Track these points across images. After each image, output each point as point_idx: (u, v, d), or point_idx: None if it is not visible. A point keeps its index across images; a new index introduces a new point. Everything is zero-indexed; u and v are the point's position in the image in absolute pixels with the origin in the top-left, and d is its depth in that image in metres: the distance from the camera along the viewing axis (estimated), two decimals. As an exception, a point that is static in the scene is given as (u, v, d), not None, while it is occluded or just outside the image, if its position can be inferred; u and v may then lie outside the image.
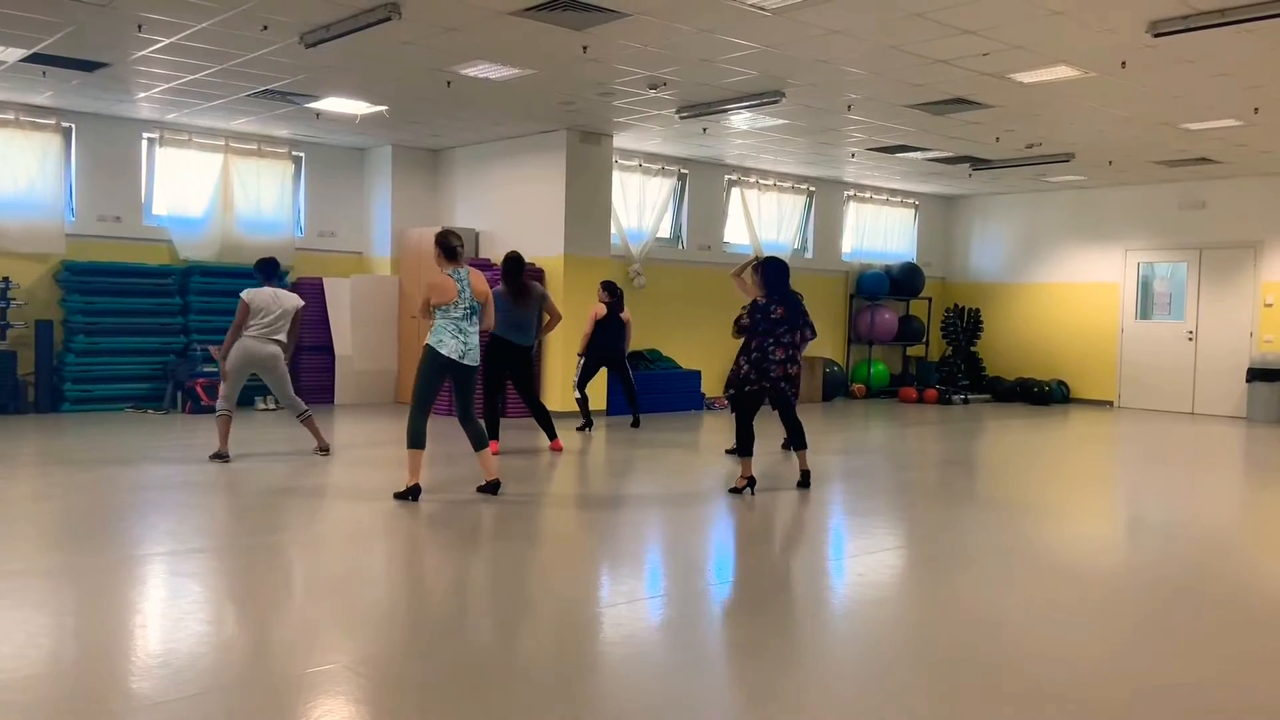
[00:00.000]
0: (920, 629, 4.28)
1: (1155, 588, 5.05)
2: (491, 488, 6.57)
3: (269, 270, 8.05)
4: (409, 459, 6.38)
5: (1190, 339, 13.97)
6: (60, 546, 5.28)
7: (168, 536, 5.48)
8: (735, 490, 6.93)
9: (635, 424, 10.42)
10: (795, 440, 7.22)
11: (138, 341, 10.97)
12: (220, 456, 7.68)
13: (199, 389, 10.79)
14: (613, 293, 9.89)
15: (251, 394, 11.45)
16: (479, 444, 6.60)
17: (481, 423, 6.74)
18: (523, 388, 8.41)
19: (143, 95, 9.84)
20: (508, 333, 8.08)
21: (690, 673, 3.69)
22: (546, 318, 8.48)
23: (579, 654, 3.88)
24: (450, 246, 6.32)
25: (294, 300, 7.97)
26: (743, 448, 6.99)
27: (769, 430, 8.50)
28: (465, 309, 6.30)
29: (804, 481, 7.17)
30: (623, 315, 10.03)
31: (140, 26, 7.44)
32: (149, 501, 6.43)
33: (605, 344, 9.94)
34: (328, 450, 8.16)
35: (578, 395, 10.10)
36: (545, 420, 8.64)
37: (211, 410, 10.68)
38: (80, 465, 7.58)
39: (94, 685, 3.37)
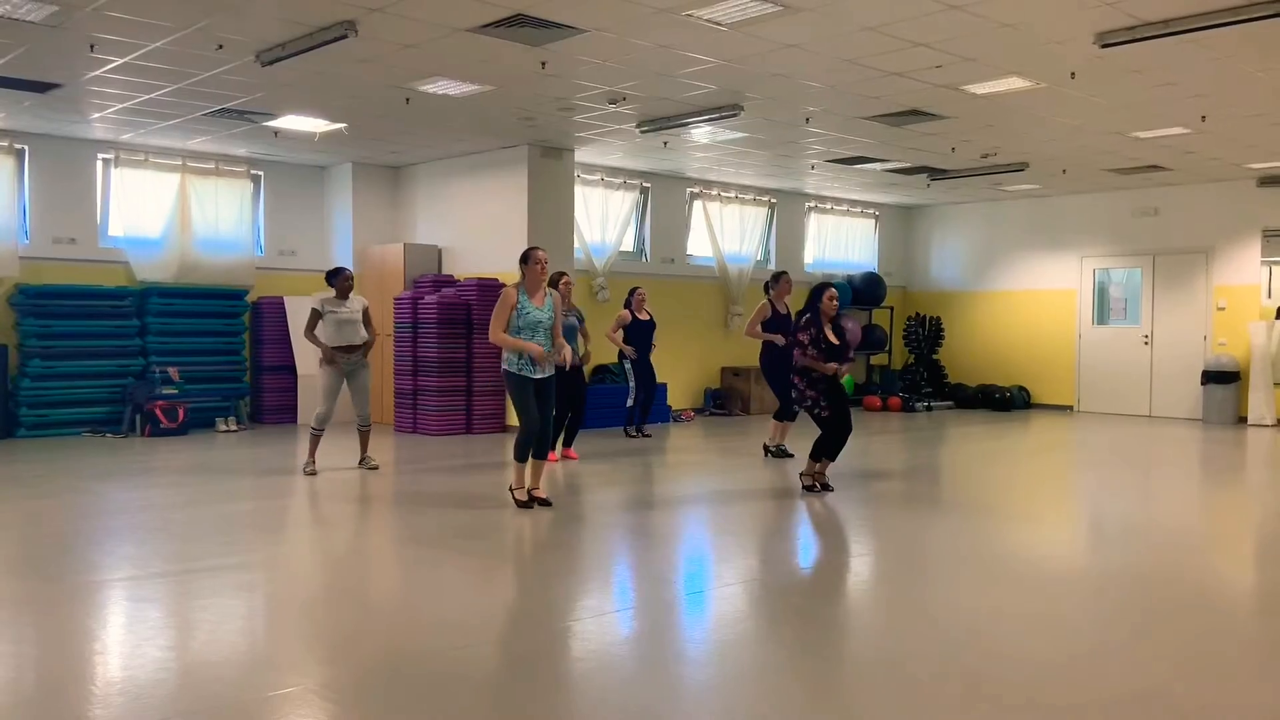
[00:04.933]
0: (893, 636, 4.31)
1: (1123, 589, 5.12)
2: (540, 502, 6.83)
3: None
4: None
5: (1146, 343, 14.21)
6: (18, 574, 5.18)
7: (127, 562, 5.41)
8: (809, 488, 7.43)
9: (641, 433, 10.90)
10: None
11: (95, 365, 10.80)
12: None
13: (158, 411, 10.65)
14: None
15: (211, 415, 11.33)
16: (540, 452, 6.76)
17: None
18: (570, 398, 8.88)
19: (97, 116, 9.73)
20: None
21: (656, 683, 3.69)
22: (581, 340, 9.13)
23: (547, 668, 3.86)
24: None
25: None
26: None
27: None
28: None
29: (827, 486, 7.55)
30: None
31: (92, 47, 7.36)
32: (108, 526, 6.33)
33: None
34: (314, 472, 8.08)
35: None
36: (574, 428, 9.17)
37: (170, 433, 10.60)
38: (38, 491, 7.45)
39: (52, 714, 3.32)
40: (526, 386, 6.54)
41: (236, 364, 11.83)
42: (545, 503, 6.75)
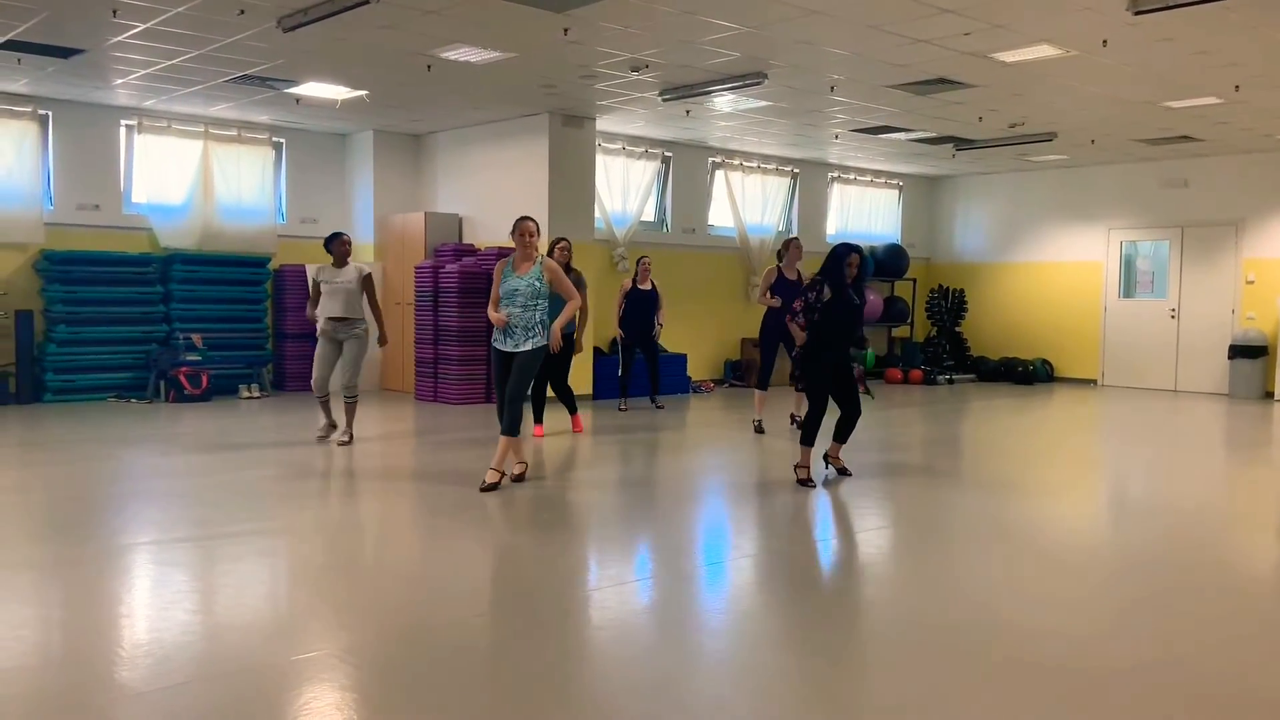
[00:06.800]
0: (911, 606, 4.30)
1: (1144, 563, 5.09)
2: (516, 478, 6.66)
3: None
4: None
5: (1173, 317, 14.05)
6: (44, 538, 5.25)
7: (152, 526, 5.46)
8: (803, 482, 6.70)
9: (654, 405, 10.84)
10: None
11: (120, 331, 10.88)
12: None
13: (182, 378, 10.73)
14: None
15: (235, 381, 11.41)
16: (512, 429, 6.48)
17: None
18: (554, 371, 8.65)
19: (120, 81, 9.74)
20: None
21: (675, 652, 3.70)
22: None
23: (565, 637, 3.88)
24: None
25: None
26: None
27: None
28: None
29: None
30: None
31: (115, 11, 7.35)
32: (133, 491, 6.40)
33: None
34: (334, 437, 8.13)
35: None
36: (569, 401, 9.00)
37: (194, 399, 10.68)
38: (63, 455, 7.54)
39: (79, 676, 3.36)
40: (495, 359, 6.50)
41: (259, 331, 11.90)
42: (492, 487, 6.35)
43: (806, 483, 6.67)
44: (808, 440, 6.72)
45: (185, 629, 3.80)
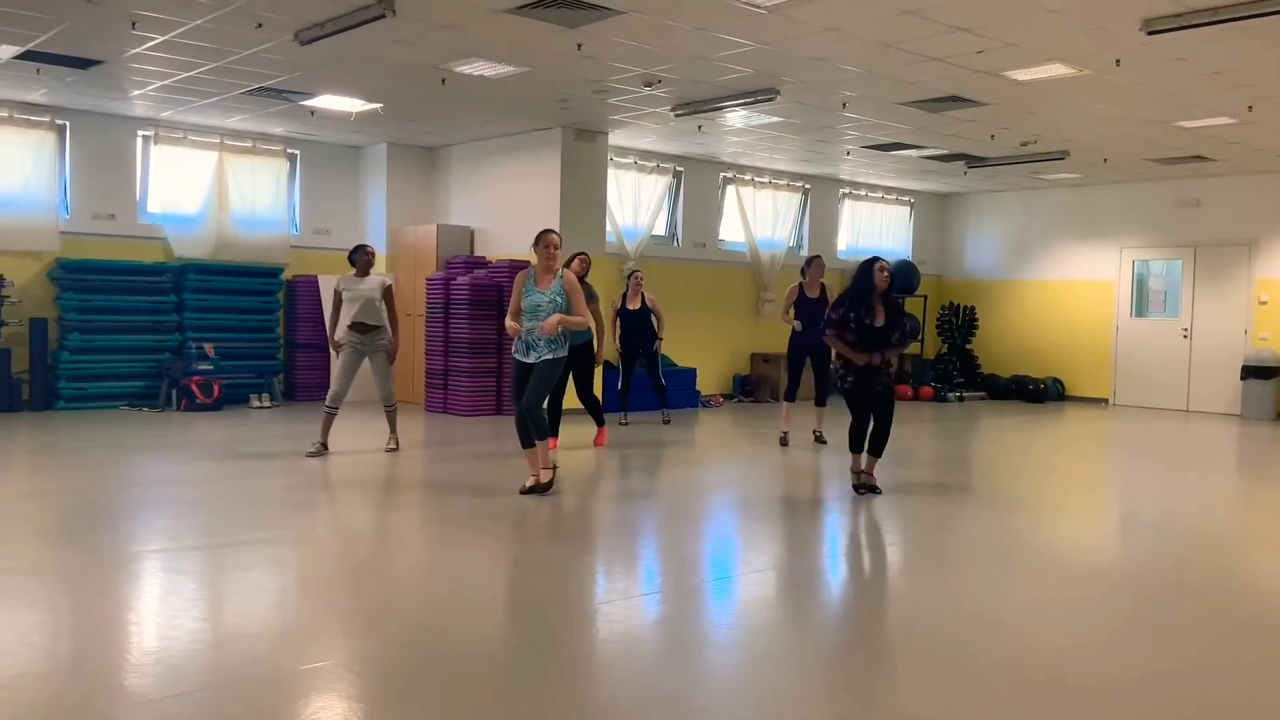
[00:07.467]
0: (921, 622, 4.28)
1: (1151, 579, 5.06)
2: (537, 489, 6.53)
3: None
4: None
5: (1185, 336, 14.00)
6: (54, 544, 5.27)
7: (162, 534, 5.48)
8: (858, 488, 6.95)
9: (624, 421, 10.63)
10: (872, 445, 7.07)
11: (133, 339, 10.94)
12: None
13: (194, 387, 10.77)
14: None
15: (246, 391, 11.46)
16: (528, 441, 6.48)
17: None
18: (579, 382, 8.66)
19: (137, 93, 9.82)
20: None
21: (683, 666, 3.69)
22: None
23: (573, 649, 3.88)
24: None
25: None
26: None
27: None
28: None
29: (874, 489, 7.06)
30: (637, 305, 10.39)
31: (134, 24, 7.43)
32: (143, 499, 6.42)
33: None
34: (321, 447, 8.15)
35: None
36: (596, 413, 8.98)
37: (205, 408, 10.73)
38: (74, 463, 7.57)
39: (88, 683, 3.37)
40: (517, 371, 6.47)
41: (271, 341, 11.95)
42: (532, 490, 6.46)
43: (859, 489, 6.93)
44: (855, 447, 6.94)
45: (194, 637, 3.81)
